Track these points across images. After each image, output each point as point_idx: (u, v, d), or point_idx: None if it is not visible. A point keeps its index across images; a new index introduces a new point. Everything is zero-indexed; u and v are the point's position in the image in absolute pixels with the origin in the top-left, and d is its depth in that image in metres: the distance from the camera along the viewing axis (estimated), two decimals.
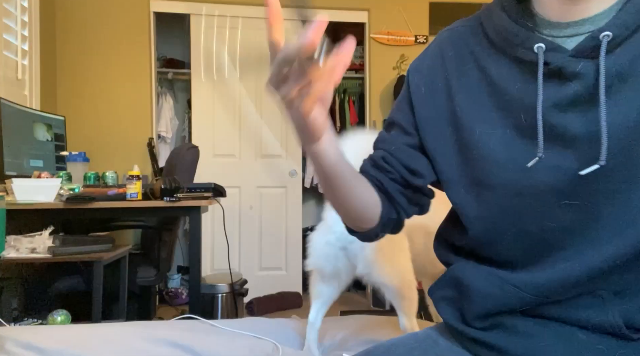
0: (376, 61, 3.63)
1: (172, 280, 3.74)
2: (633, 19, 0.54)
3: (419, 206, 0.74)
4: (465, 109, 0.66)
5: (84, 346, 0.97)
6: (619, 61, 0.54)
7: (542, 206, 0.59)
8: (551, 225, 0.59)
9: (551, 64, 0.57)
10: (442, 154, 0.68)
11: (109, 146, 3.24)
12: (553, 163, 0.57)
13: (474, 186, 0.65)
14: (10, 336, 0.99)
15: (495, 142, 0.62)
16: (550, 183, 0.58)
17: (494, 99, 0.63)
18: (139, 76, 3.31)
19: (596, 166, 0.54)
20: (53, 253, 1.76)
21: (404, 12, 3.62)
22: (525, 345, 0.62)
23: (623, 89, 0.54)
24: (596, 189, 0.56)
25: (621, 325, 0.58)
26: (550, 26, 0.59)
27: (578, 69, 0.55)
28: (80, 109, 3.21)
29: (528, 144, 0.59)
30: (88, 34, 3.22)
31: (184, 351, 0.99)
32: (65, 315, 1.86)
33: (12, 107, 2.22)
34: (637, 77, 0.54)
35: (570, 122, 0.56)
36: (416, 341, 0.74)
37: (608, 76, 0.54)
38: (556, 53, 0.57)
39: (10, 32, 2.49)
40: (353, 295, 3.84)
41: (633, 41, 0.54)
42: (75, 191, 2.05)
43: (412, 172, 0.71)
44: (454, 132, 0.67)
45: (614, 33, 0.53)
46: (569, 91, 0.56)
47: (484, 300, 0.64)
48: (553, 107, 0.57)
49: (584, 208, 0.57)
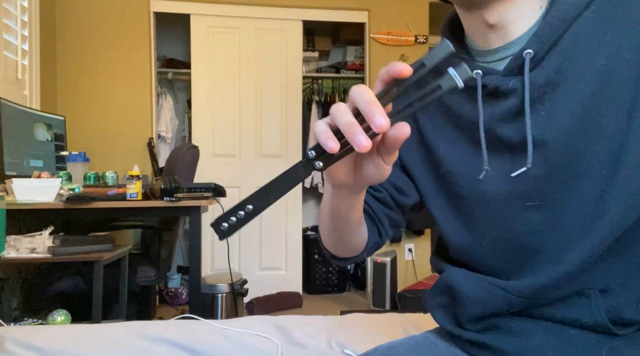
0: (376, 60, 3.63)
1: (172, 280, 3.74)
2: (548, 34, 0.59)
3: (396, 227, 0.79)
4: (428, 130, 0.73)
5: (84, 346, 0.97)
6: (544, 72, 0.60)
7: (508, 211, 0.64)
8: (521, 228, 0.63)
9: (488, 86, 0.63)
10: (418, 173, 0.74)
11: (109, 146, 3.24)
12: (502, 172, 0.63)
13: (450, 199, 0.70)
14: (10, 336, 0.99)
15: (456, 157, 0.69)
16: (508, 188, 0.63)
17: (451, 119, 0.70)
18: (139, 76, 3.31)
19: (524, 169, 0.60)
20: (53, 253, 1.76)
21: (404, 12, 3.62)
22: (519, 344, 0.64)
23: (555, 96, 0.59)
24: (551, 189, 0.61)
25: (607, 322, 0.60)
26: (483, 54, 0.67)
27: (510, 86, 0.61)
28: (80, 109, 3.21)
29: (481, 157, 0.64)
30: (88, 34, 3.22)
31: (184, 351, 0.99)
32: (65, 315, 1.86)
33: (12, 107, 2.22)
34: (565, 84, 0.59)
35: (510, 132, 0.62)
36: (415, 343, 0.76)
37: (537, 87, 0.60)
38: (491, 75, 0.63)
39: (10, 32, 2.49)
40: (353, 295, 3.85)
41: (555, 52, 0.60)
42: (75, 191, 2.05)
43: (400, 191, 0.75)
44: (423, 152, 0.74)
45: (534, 50, 0.59)
46: (507, 105, 0.62)
47: (475, 304, 0.67)
48: (497, 120, 0.63)
49: (547, 208, 0.61)
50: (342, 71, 4.10)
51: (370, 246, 0.75)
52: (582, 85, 0.58)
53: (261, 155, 3.55)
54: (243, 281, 2.77)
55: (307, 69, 4.05)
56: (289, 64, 3.56)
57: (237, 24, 3.48)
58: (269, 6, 3.49)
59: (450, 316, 0.72)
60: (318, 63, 4.21)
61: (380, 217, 0.76)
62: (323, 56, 4.27)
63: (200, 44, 3.44)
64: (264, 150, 3.55)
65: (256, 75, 3.52)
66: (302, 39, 3.62)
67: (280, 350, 1.00)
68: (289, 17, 3.53)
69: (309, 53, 3.98)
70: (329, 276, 3.86)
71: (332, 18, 3.61)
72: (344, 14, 3.60)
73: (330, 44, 4.21)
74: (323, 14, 3.58)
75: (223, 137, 3.49)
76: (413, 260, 3.67)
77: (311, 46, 4.07)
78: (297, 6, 3.52)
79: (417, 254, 3.67)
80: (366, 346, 0.81)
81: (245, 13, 3.47)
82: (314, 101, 4.00)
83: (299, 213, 3.60)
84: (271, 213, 3.55)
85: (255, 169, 3.53)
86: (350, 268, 3.99)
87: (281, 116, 3.57)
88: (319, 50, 4.08)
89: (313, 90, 4.18)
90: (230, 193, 2.87)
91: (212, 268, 3.43)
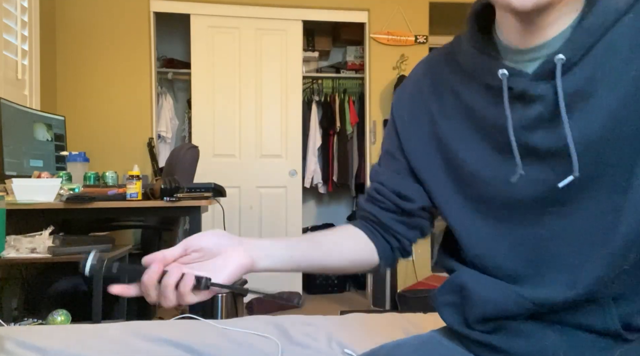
0: (376, 60, 3.63)
1: None
2: (583, 41, 0.57)
3: (419, 229, 0.78)
4: (447, 132, 0.70)
5: (84, 346, 0.97)
6: (575, 80, 0.57)
7: (531, 215, 0.63)
8: (542, 232, 0.63)
9: (514, 89, 0.61)
10: (433, 177, 0.73)
11: (109, 146, 3.24)
12: (533, 177, 0.62)
13: (469, 201, 0.69)
14: (10, 336, 0.99)
15: (478, 160, 0.67)
16: (533, 194, 0.62)
17: (471, 121, 0.68)
18: (139, 76, 3.31)
19: (571, 178, 0.58)
20: (53, 253, 1.76)
21: (404, 12, 3.62)
22: (528, 346, 0.64)
23: (585, 106, 0.57)
24: (574, 197, 0.60)
25: (619, 328, 0.60)
26: (513, 53, 0.63)
27: (538, 92, 0.59)
28: (80, 109, 3.21)
29: (507, 160, 0.62)
30: (88, 34, 3.22)
31: (184, 351, 0.99)
32: (65, 315, 1.85)
33: (12, 107, 2.22)
34: (596, 93, 0.57)
35: (539, 140, 0.61)
36: (421, 342, 0.75)
37: (567, 95, 0.57)
38: (518, 78, 0.61)
39: (10, 32, 2.49)
40: (353, 295, 3.85)
41: (588, 61, 0.57)
42: (75, 191, 2.05)
43: (402, 198, 0.75)
44: (440, 155, 0.71)
45: (567, 56, 0.57)
46: (533, 111, 0.60)
47: (487, 304, 0.65)
48: (521, 128, 0.61)
49: (568, 215, 0.61)
50: (342, 71, 4.11)
51: (385, 256, 0.78)
52: (613, 95, 0.56)
53: (261, 155, 3.55)
54: (243, 281, 2.76)
55: (307, 69, 4.05)
56: (289, 64, 3.56)
57: (237, 24, 3.48)
58: (269, 6, 3.49)
59: (458, 315, 0.71)
60: (318, 63, 4.21)
61: (390, 224, 0.76)
62: (323, 56, 4.27)
63: (200, 44, 3.44)
64: (264, 150, 3.55)
65: (256, 75, 3.52)
66: (302, 39, 3.62)
67: (280, 350, 1.00)
68: (289, 17, 3.53)
69: (309, 53, 3.98)
70: (329, 276, 3.86)
71: (332, 18, 3.61)
72: (344, 14, 3.60)
73: (330, 44, 4.21)
74: (323, 14, 3.58)
75: (223, 137, 3.49)
76: (413, 260, 3.66)
77: (311, 46, 4.07)
78: (297, 6, 3.52)
79: (417, 255, 3.66)
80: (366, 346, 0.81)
81: (245, 13, 3.47)
82: (314, 101, 4.00)
83: (299, 213, 3.60)
84: (271, 213, 3.55)
85: (255, 169, 3.53)
86: None
87: (281, 116, 3.57)
88: (319, 50, 4.08)
89: (313, 90, 4.18)
90: (230, 193, 2.88)
91: None
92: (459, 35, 0.72)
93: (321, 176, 4.02)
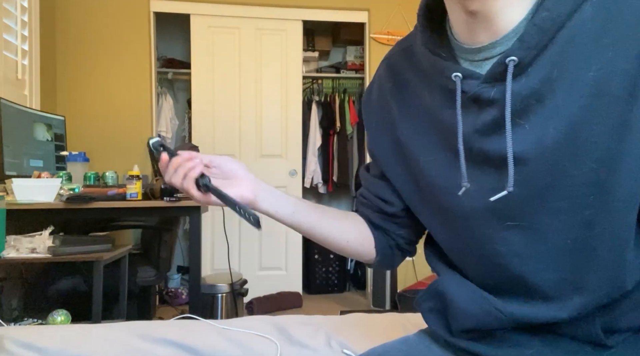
0: (376, 60, 3.63)
1: (172, 280, 3.74)
2: (536, 40, 0.51)
3: (412, 228, 0.77)
4: (409, 136, 0.66)
5: (84, 346, 0.97)
6: (530, 81, 0.52)
7: (488, 229, 0.58)
8: (501, 249, 0.58)
9: (468, 92, 0.56)
10: (401, 183, 0.71)
11: (109, 146, 3.24)
12: (487, 186, 0.56)
13: (434, 211, 0.67)
14: (10, 336, 0.99)
15: (437, 168, 0.62)
16: (486, 206, 0.57)
17: (430, 123, 0.63)
18: (139, 76, 3.31)
19: (504, 193, 0.53)
20: (53, 253, 1.76)
21: (404, 12, 3.62)
22: (514, 353, 0.63)
23: (540, 109, 0.52)
24: (533, 210, 0.55)
25: (601, 335, 0.58)
26: (466, 51, 0.58)
27: (492, 95, 0.54)
28: (80, 109, 3.21)
29: (460, 169, 0.58)
30: (88, 34, 3.22)
31: (184, 351, 0.99)
32: (65, 315, 1.86)
33: (12, 107, 2.22)
34: (553, 96, 0.51)
35: (492, 146, 0.55)
36: (409, 346, 0.75)
37: (521, 98, 0.52)
38: (472, 80, 0.56)
39: (10, 32, 2.49)
40: (353, 295, 3.85)
41: (544, 59, 0.51)
42: (75, 191, 2.05)
43: (385, 202, 0.75)
44: (403, 162, 0.69)
45: (519, 56, 0.51)
46: (488, 116, 0.55)
47: (467, 317, 0.64)
48: (475, 133, 0.56)
49: (529, 229, 0.56)
50: (342, 71, 4.10)
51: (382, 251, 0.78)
52: (571, 97, 0.50)
53: (261, 155, 3.55)
54: (243, 281, 2.77)
55: (307, 69, 4.05)
56: (289, 64, 3.56)
57: (237, 24, 3.48)
58: (269, 6, 3.49)
59: (442, 321, 0.70)
60: (318, 63, 4.21)
61: (381, 224, 0.77)
62: (323, 56, 4.27)
63: (200, 44, 3.44)
64: (264, 150, 3.55)
65: (256, 75, 3.52)
66: (302, 39, 3.62)
67: (280, 350, 1.00)
68: (289, 17, 3.53)
69: (309, 53, 3.98)
70: (329, 276, 3.86)
71: (332, 18, 3.61)
72: (344, 14, 3.60)
73: (330, 44, 4.21)
74: (323, 14, 3.58)
75: (223, 137, 3.49)
76: (413, 260, 3.66)
77: (311, 46, 4.07)
78: (297, 6, 3.53)
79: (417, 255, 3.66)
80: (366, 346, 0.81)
81: (245, 13, 3.47)
82: (314, 101, 4.00)
83: None
84: None
85: (255, 169, 3.52)
86: (350, 267, 3.99)
87: (281, 116, 3.57)
88: (319, 50, 4.08)
89: (313, 90, 4.18)
90: None
91: (212, 268, 3.43)
92: (415, 27, 0.66)
93: (321, 176, 4.02)
